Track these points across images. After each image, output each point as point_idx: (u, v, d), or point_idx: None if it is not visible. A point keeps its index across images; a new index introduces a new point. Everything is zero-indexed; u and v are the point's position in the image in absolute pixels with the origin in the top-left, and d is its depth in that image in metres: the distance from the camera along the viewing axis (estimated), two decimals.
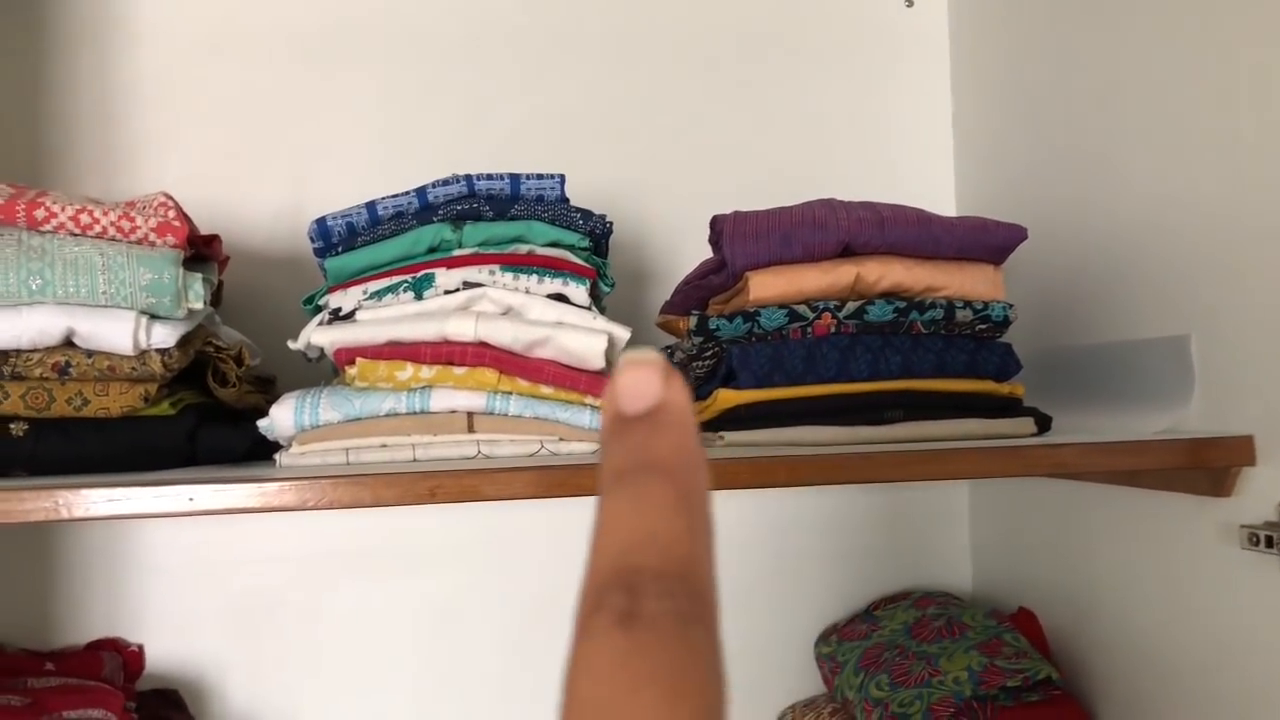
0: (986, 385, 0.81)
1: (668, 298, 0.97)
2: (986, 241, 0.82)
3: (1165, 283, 0.84)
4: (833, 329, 0.79)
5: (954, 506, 1.20)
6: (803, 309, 0.79)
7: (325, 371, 0.89)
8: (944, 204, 1.20)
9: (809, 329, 0.79)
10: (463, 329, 0.76)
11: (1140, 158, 0.87)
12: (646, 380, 0.23)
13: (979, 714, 0.88)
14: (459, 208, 0.81)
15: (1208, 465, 0.75)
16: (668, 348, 0.95)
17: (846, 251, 0.80)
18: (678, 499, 0.21)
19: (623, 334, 0.80)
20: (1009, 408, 0.81)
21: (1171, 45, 0.83)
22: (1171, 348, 0.82)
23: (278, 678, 1.09)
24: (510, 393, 0.77)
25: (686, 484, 0.21)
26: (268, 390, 0.97)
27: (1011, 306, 0.81)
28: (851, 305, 0.79)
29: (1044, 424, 0.81)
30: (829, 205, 0.83)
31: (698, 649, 0.19)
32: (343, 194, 1.02)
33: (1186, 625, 0.82)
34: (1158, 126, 0.85)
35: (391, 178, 0.98)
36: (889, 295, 0.80)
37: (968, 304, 0.80)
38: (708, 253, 0.89)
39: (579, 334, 0.78)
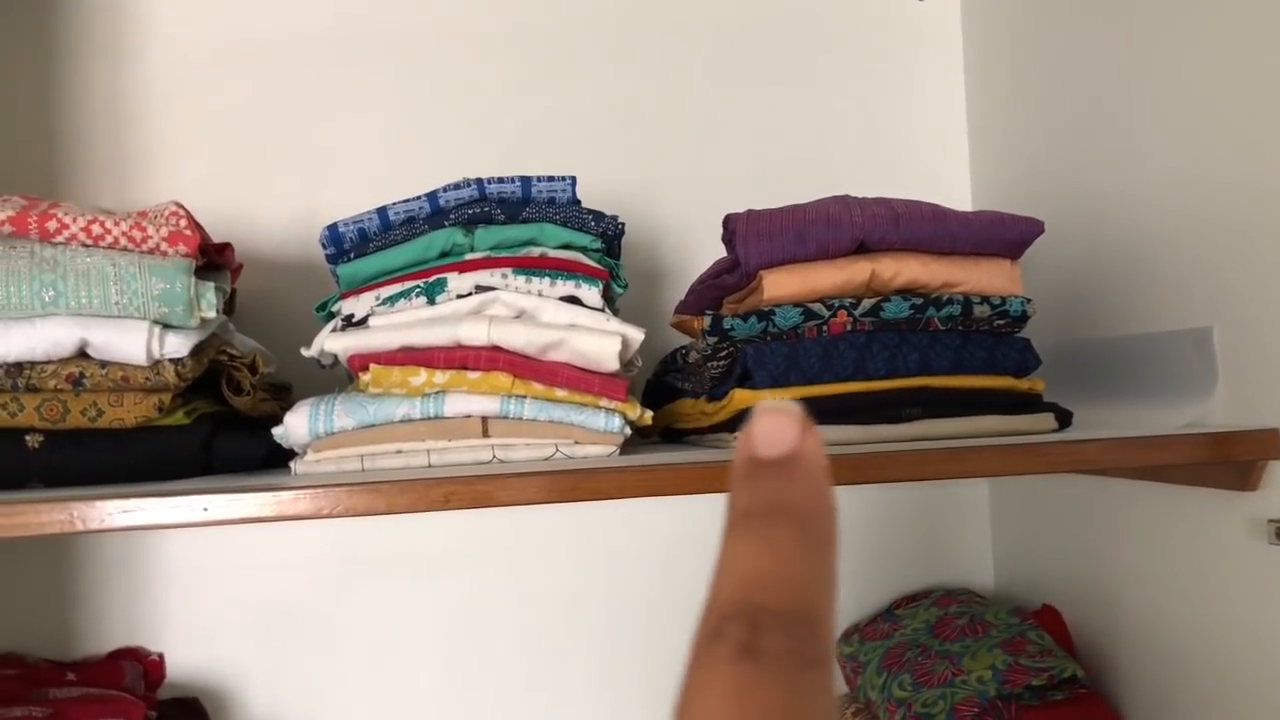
0: (1006, 381, 0.79)
1: (682, 298, 0.97)
2: (1003, 236, 0.80)
3: (1187, 273, 0.83)
4: (848, 327, 0.78)
5: (975, 503, 1.19)
6: (818, 307, 0.78)
7: (339, 378, 0.89)
8: (959, 198, 1.19)
9: (824, 327, 0.78)
10: (476, 333, 0.76)
11: (1159, 146, 0.86)
12: (784, 427, 0.23)
13: (1004, 713, 0.87)
14: (470, 211, 0.81)
15: (1233, 459, 0.73)
16: (682, 349, 0.94)
17: (861, 248, 0.79)
18: (807, 544, 0.22)
19: (636, 335, 0.79)
20: (1029, 404, 0.80)
21: (1190, 30, 0.82)
22: (1194, 340, 0.81)
23: (298, 684, 1.09)
24: (524, 396, 0.77)
25: (816, 531, 0.22)
26: (283, 398, 0.96)
27: (1030, 301, 0.80)
28: (867, 303, 0.78)
29: (1065, 420, 0.80)
30: (843, 202, 0.82)
31: (812, 693, 0.19)
32: (355, 199, 1.02)
33: (1214, 621, 0.81)
34: (1176, 114, 0.84)
35: (403, 182, 0.98)
36: (905, 292, 0.79)
37: (985, 299, 0.79)
38: (721, 252, 0.88)
39: (592, 336, 0.77)
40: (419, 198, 0.82)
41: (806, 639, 0.20)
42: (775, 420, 0.24)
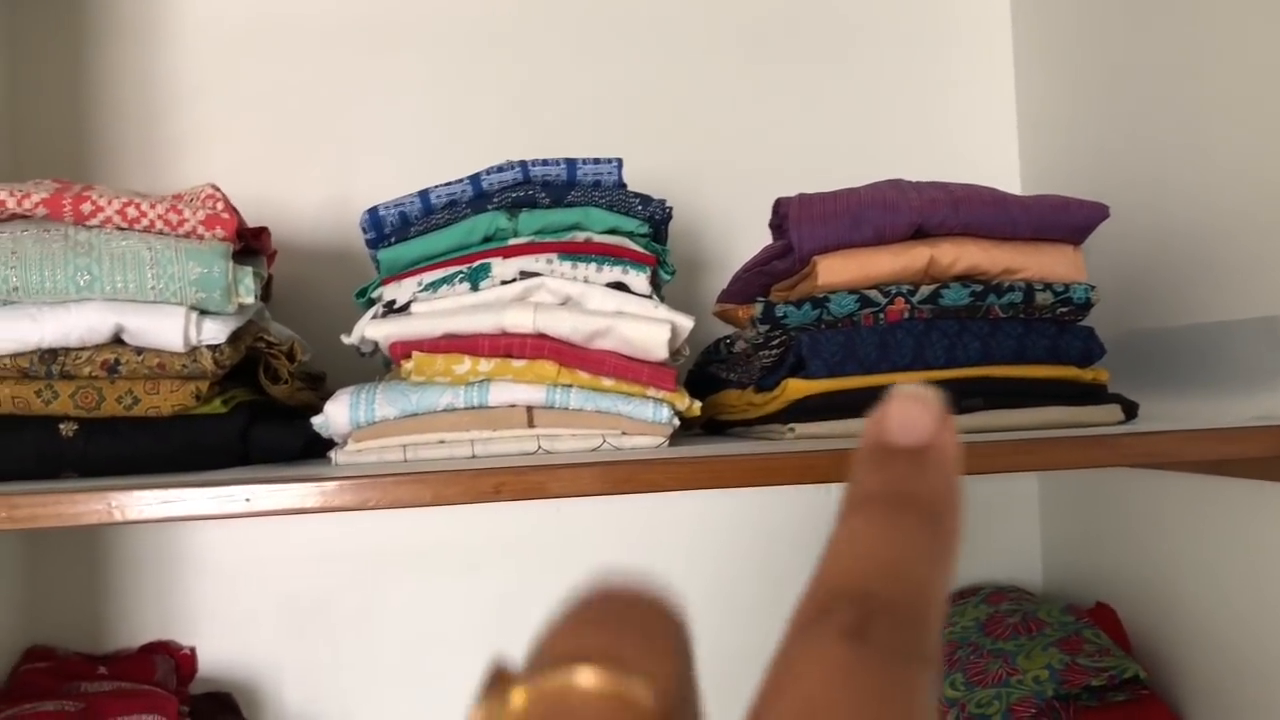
0: (1069, 371, 0.77)
1: (724, 286, 0.94)
2: (1066, 220, 0.78)
3: (1254, 260, 0.80)
4: (906, 314, 0.76)
5: (1023, 497, 1.16)
6: (874, 294, 0.75)
7: (374, 367, 0.87)
8: (1008, 183, 1.15)
9: (881, 315, 0.76)
10: (521, 320, 0.74)
11: (1223, 126, 0.83)
12: (920, 414, 0.22)
13: (1061, 714, 0.85)
14: (514, 195, 0.78)
15: None
16: (726, 338, 0.92)
17: (919, 233, 0.77)
18: (930, 540, 0.20)
19: (685, 323, 0.76)
20: (1093, 394, 0.77)
21: (1257, 4, 0.79)
22: (1264, 328, 0.78)
23: (332, 679, 1.07)
24: (570, 385, 0.74)
25: (942, 529, 0.21)
26: (318, 387, 0.94)
27: (1094, 288, 0.77)
28: (925, 289, 0.75)
29: (1131, 411, 0.77)
30: (898, 186, 0.79)
31: (918, 693, 0.18)
32: (390, 183, 0.99)
33: None
34: (1242, 92, 0.81)
35: (440, 166, 0.96)
36: (965, 278, 0.77)
37: (1047, 286, 0.76)
38: (764, 240, 0.85)
39: (641, 323, 0.75)
40: (461, 180, 0.79)
41: (918, 638, 0.18)
42: (912, 406, 0.22)
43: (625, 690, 0.18)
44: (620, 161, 0.81)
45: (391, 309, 0.78)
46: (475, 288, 0.76)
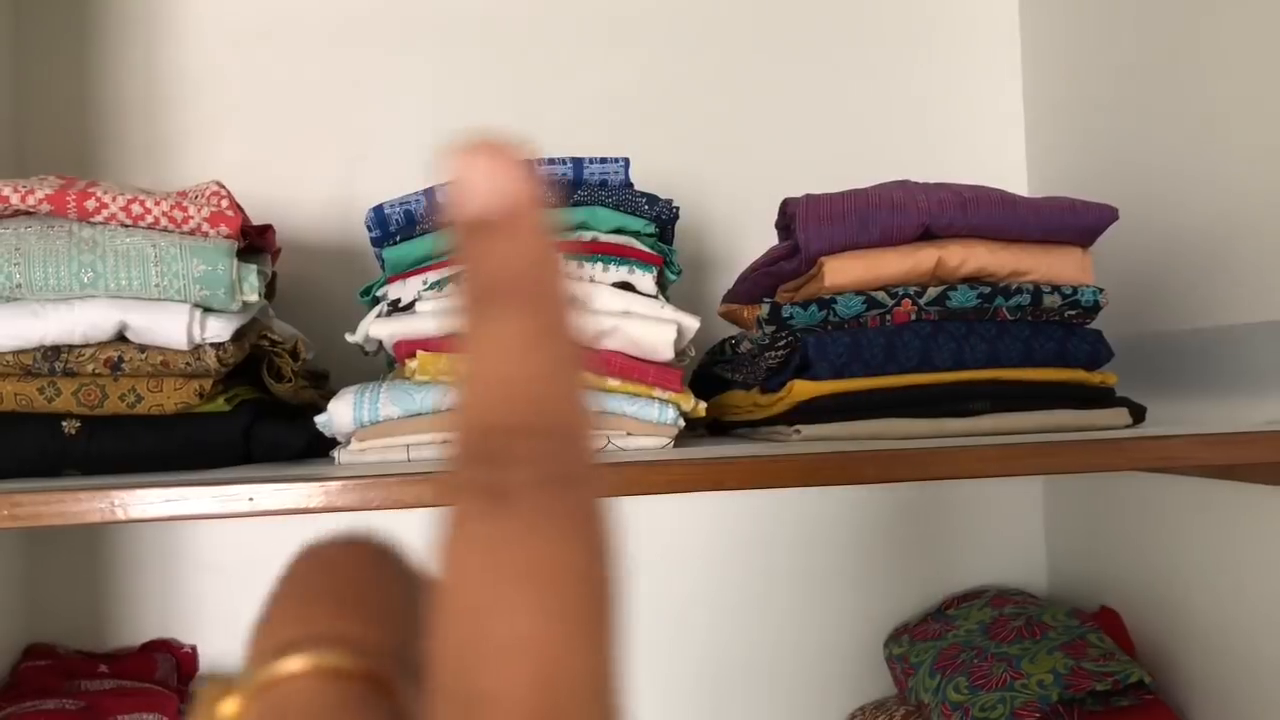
0: (1077, 374, 0.76)
1: (729, 287, 0.94)
2: (1075, 222, 0.77)
3: (1264, 263, 0.79)
4: (913, 316, 0.75)
5: (1027, 499, 1.16)
6: (881, 295, 0.75)
7: (378, 366, 0.87)
8: (1015, 185, 1.15)
9: (888, 316, 0.75)
10: None
11: (1234, 127, 0.83)
12: (493, 172, 0.19)
13: (1066, 719, 0.84)
14: None
15: None
16: (731, 339, 0.91)
17: (927, 234, 0.76)
18: (539, 332, 0.18)
19: (691, 323, 0.76)
20: (1101, 398, 0.77)
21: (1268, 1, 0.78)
22: (1272, 333, 0.78)
23: None
24: None
25: (546, 310, 0.18)
26: (321, 385, 0.94)
27: (1102, 291, 0.77)
28: (933, 291, 0.75)
29: (1138, 415, 0.77)
30: (906, 187, 0.79)
31: (574, 519, 0.17)
32: (394, 182, 0.99)
33: None
34: (1253, 92, 0.80)
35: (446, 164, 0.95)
36: (972, 280, 0.76)
37: (1055, 289, 0.76)
38: (770, 240, 0.85)
39: (647, 324, 0.74)
40: None
41: (557, 454, 0.17)
42: (482, 163, 0.19)
43: (327, 663, 0.17)
44: (627, 161, 0.80)
45: (396, 307, 0.77)
46: None
